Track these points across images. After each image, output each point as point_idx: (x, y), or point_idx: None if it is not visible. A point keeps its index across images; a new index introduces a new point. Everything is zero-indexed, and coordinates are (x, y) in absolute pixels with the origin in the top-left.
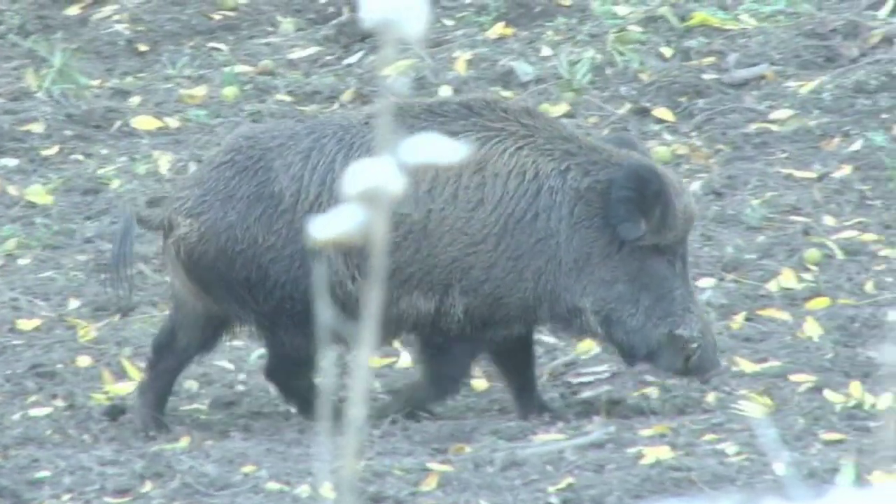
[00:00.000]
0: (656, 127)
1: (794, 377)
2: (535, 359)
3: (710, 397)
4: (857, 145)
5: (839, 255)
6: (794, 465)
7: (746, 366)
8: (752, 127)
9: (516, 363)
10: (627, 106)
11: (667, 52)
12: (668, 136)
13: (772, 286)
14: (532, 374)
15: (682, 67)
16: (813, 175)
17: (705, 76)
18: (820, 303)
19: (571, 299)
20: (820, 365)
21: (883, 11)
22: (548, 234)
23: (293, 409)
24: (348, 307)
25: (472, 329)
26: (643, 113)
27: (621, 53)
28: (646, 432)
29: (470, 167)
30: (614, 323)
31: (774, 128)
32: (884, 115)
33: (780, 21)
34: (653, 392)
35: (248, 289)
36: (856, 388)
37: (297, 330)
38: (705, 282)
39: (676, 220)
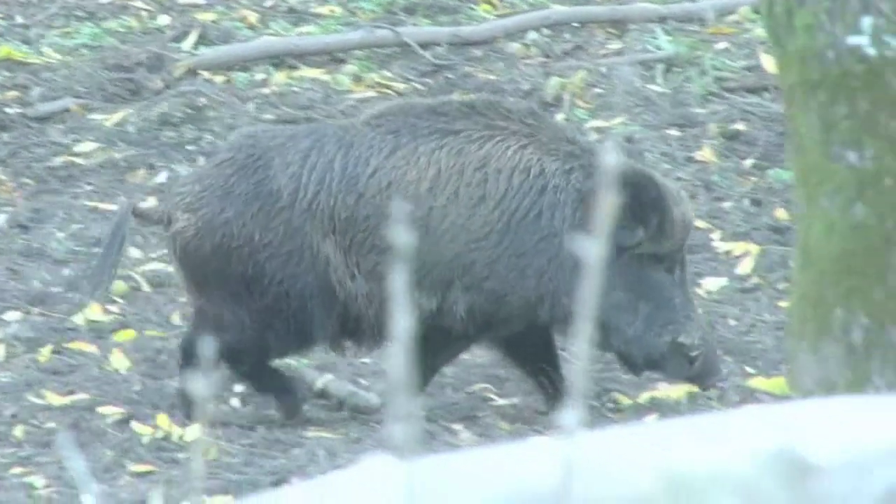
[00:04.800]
0: None
1: (102, 409)
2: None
3: (18, 430)
4: (162, 177)
5: (146, 287)
6: (102, 498)
7: (54, 399)
8: (58, 160)
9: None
10: None
11: None
12: None
13: (78, 319)
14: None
15: None
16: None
17: (9, 110)
18: (127, 335)
19: (570, 304)
20: (128, 397)
21: (187, 44)
22: (550, 232)
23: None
24: (349, 306)
25: (475, 328)
26: None
27: None
28: None
29: (472, 164)
30: (611, 331)
31: (80, 161)
32: (189, 147)
33: (84, 55)
34: None
35: (245, 285)
36: (163, 419)
37: (286, 330)
38: (11, 315)
39: (675, 228)
